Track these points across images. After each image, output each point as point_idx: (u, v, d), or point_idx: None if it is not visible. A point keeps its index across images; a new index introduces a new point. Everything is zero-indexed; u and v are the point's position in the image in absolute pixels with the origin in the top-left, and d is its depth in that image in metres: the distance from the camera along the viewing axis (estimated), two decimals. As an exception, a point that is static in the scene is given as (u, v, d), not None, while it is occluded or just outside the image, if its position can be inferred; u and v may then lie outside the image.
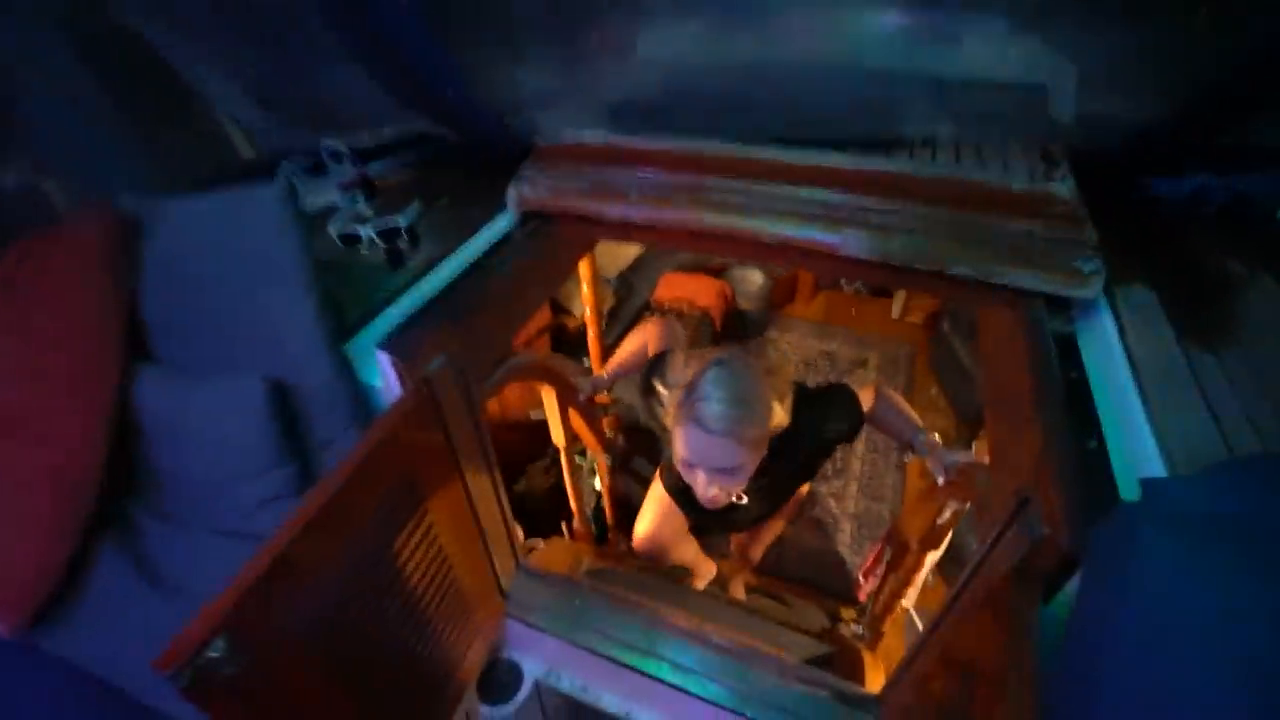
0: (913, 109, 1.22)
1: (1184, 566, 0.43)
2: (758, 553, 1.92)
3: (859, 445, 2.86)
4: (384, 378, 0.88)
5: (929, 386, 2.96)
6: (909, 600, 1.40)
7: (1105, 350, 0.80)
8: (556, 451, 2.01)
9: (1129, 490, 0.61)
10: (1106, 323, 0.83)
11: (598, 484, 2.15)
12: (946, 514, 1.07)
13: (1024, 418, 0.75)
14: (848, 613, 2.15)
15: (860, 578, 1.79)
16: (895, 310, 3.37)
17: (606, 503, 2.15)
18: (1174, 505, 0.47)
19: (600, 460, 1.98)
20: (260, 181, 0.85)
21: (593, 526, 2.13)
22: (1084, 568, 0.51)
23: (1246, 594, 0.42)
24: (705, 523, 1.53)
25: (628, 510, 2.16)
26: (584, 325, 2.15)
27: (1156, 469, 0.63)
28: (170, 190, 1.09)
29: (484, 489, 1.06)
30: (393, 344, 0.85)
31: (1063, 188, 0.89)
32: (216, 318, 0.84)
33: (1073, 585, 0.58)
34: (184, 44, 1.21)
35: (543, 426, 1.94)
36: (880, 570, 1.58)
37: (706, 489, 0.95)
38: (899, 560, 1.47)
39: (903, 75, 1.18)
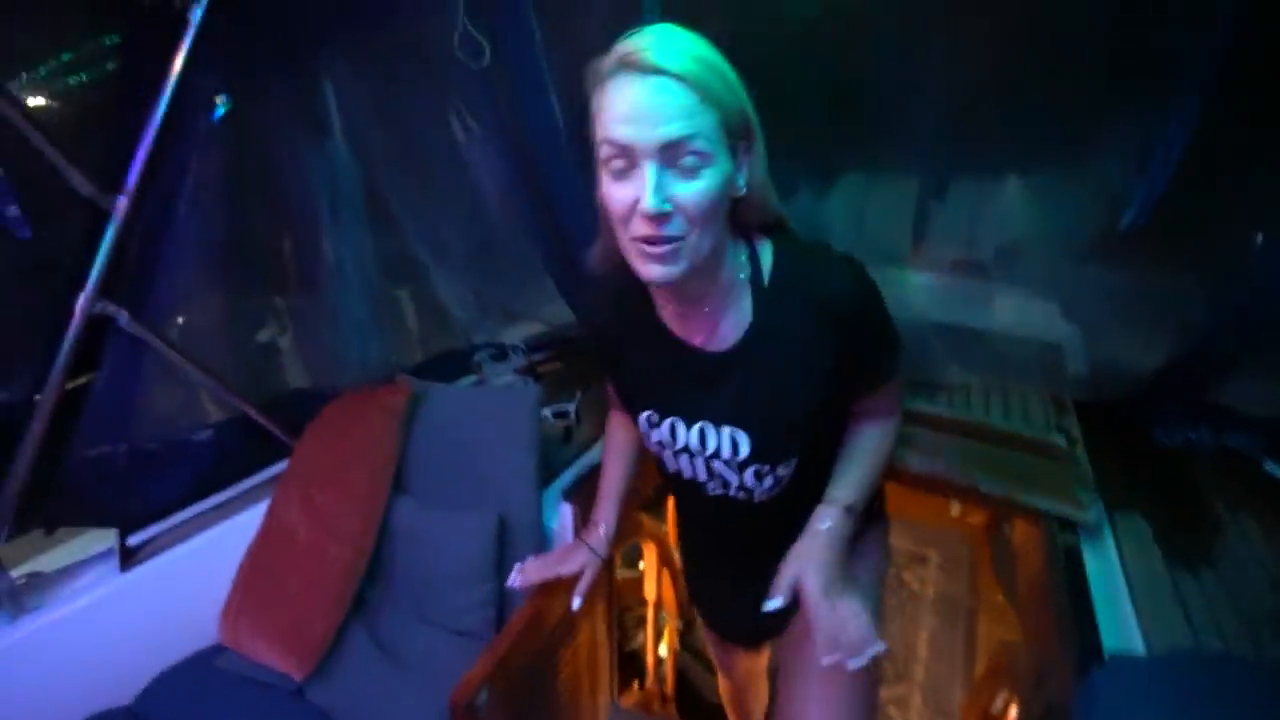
0: (953, 358, 1.61)
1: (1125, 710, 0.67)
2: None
3: (921, 647, 2.84)
4: (560, 521, 1.24)
5: (995, 593, 2.95)
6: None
7: (1106, 564, 1.05)
8: (619, 614, 2.22)
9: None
10: (1109, 542, 1.10)
11: (663, 649, 2.29)
12: (998, 702, 1.22)
13: (1043, 612, 1.00)
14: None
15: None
16: (955, 509, 3.47)
17: (670, 668, 2.26)
18: (1133, 672, 0.72)
19: (672, 624, 2.16)
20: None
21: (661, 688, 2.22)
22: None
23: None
24: (719, 596, 1.07)
25: (684, 684, 2.26)
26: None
27: (1143, 658, 0.87)
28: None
29: (605, 626, 1.33)
30: (573, 497, 1.22)
31: (1059, 438, 1.22)
32: (463, 467, 1.25)
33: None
34: (444, 272, 1.80)
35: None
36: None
37: (647, 196, 0.58)
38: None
39: (945, 327, 1.59)
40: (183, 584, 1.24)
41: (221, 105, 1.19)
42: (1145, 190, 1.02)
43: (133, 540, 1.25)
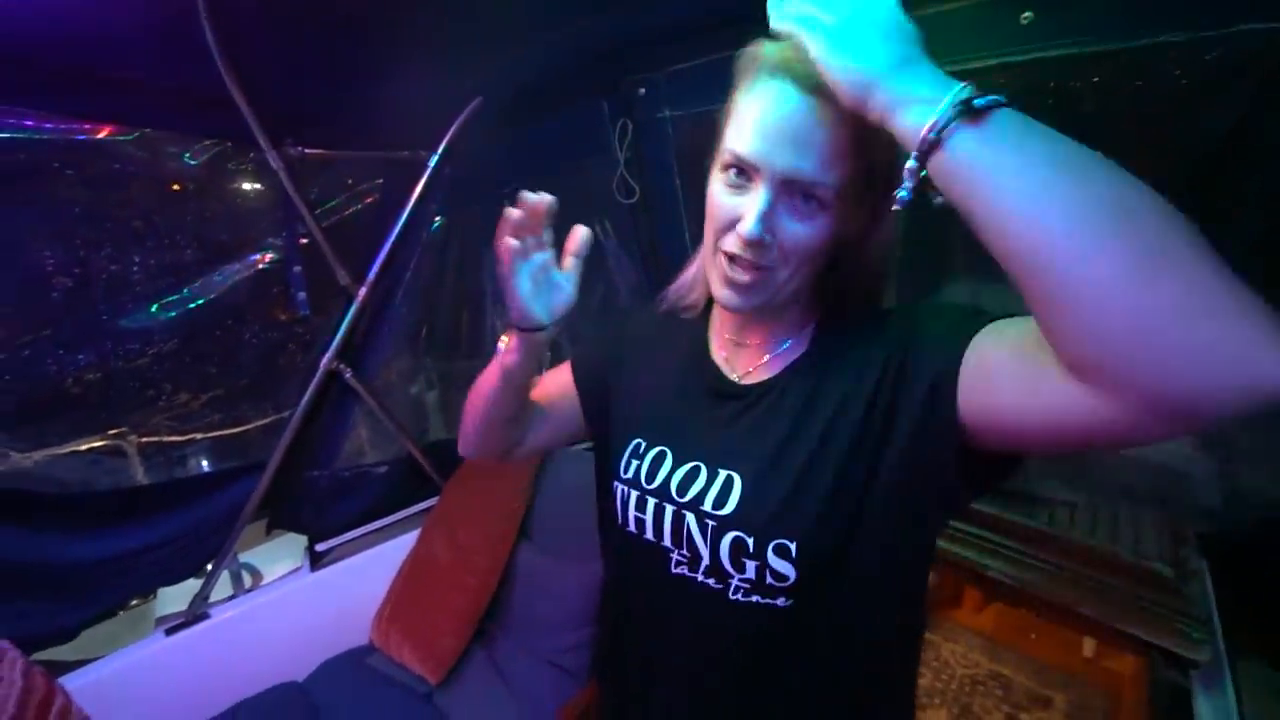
0: (1054, 472, 1.58)
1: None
2: None
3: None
4: (656, 583, 1.39)
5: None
6: None
7: (1222, 711, 1.00)
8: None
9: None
10: (1227, 687, 1.04)
11: None
12: None
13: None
14: None
15: None
16: (1088, 648, 3.07)
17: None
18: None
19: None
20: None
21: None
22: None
23: None
24: None
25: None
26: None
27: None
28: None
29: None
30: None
31: (1166, 568, 1.17)
32: (577, 522, 1.45)
33: None
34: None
35: None
36: None
37: (749, 220, 0.51)
38: None
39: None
40: (350, 589, 1.53)
41: (437, 222, 1.59)
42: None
43: (319, 548, 1.58)
